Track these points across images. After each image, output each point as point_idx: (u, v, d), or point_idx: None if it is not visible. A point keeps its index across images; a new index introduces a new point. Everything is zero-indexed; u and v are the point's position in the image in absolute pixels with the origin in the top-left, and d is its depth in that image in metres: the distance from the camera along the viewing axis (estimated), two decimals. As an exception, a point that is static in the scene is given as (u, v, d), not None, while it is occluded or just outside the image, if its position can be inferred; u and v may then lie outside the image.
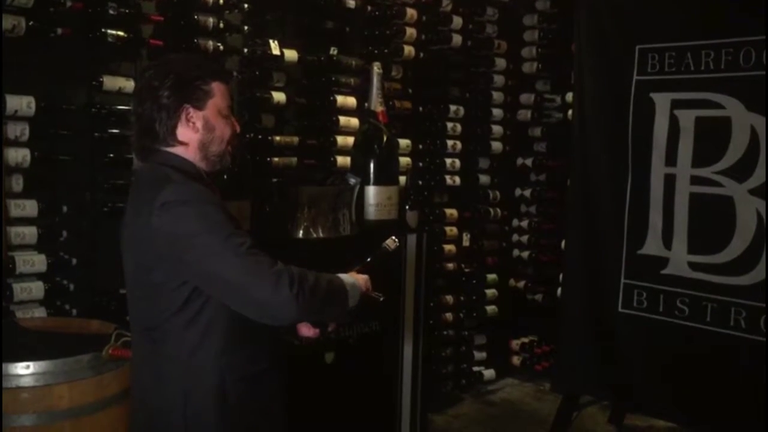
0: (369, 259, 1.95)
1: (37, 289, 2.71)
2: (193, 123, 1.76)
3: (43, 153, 2.74)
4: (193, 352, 1.69)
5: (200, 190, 1.68)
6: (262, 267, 1.59)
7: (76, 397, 2.05)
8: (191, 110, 1.75)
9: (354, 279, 1.81)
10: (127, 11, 2.91)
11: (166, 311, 1.69)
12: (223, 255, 1.57)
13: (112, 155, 2.97)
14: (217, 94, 1.79)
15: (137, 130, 1.77)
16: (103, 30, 2.86)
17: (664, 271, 3.40)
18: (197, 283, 1.66)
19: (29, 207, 2.69)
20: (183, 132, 1.76)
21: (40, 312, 2.72)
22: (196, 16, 3.12)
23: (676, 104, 3.36)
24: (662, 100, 3.40)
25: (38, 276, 2.74)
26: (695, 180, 3.30)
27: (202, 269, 1.60)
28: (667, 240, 3.39)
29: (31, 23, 2.65)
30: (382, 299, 1.89)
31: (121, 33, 2.90)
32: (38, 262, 2.71)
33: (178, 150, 1.77)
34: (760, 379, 3.09)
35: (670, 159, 3.37)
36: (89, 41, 2.87)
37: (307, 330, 1.87)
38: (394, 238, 1.98)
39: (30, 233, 2.70)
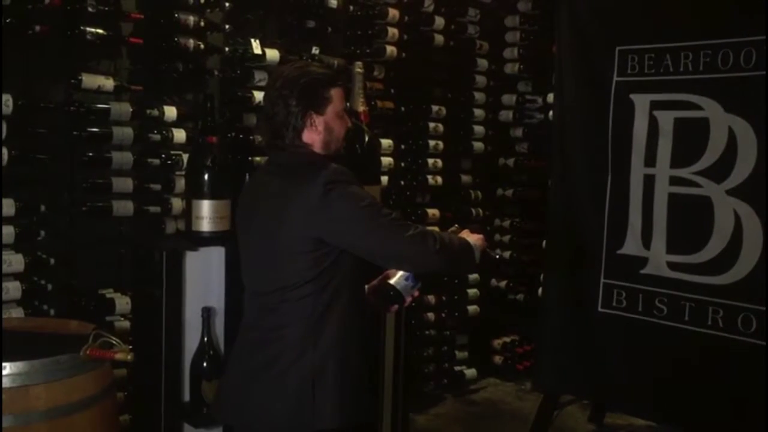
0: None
1: (14, 289, 2.68)
2: (316, 127, 2.03)
3: (20, 151, 2.71)
4: (323, 313, 1.96)
5: (350, 172, 1.98)
6: (410, 230, 1.94)
7: (54, 398, 2.03)
8: (314, 116, 2.02)
9: (473, 240, 2.11)
10: (106, 9, 2.88)
11: (304, 276, 1.94)
12: (381, 222, 1.93)
13: (90, 154, 2.95)
14: (336, 99, 2.06)
15: (268, 131, 2.06)
16: (82, 27, 2.83)
17: (643, 271, 3.43)
18: (355, 249, 1.95)
19: (6, 206, 2.66)
20: (308, 135, 2.03)
21: (17, 312, 2.69)
22: (176, 15, 3.11)
23: (655, 105, 3.39)
24: (641, 101, 3.42)
25: (15, 276, 2.71)
26: (674, 180, 3.33)
27: (363, 236, 1.93)
28: (646, 240, 3.42)
29: (8, 20, 2.62)
30: (498, 257, 2.27)
31: (100, 31, 2.87)
32: (15, 261, 2.68)
33: (305, 147, 2.04)
34: (737, 377, 3.13)
35: (650, 159, 3.40)
36: (68, 39, 2.84)
37: (390, 307, 2.22)
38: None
39: (7, 232, 2.66)
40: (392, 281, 2.11)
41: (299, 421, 1.97)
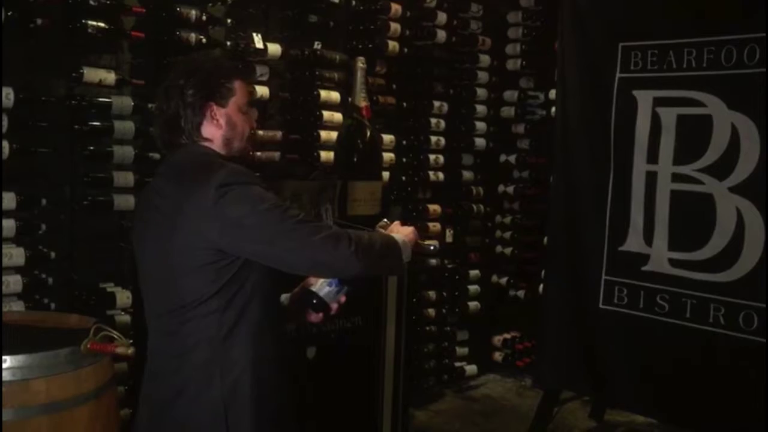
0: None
1: (15, 282, 2.68)
2: (217, 120, 1.83)
3: (21, 145, 2.70)
4: (230, 331, 1.74)
5: (250, 171, 1.76)
6: (322, 232, 1.70)
7: (54, 392, 2.03)
8: (215, 108, 1.83)
9: (403, 236, 1.91)
10: (108, 2, 2.88)
11: (203, 293, 1.72)
12: (287, 226, 1.68)
13: (92, 148, 2.94)
14: (239, 92, 1.86)
15: (162, 126, 1.84)
16: (83, 21, 2.83)
17: (644, 268, 3.42)
18: (260, 258, 1.72)
19: (7, 199, 2.65)
20: (207, 129, 1.83)
21: (18, 306, 2.69)
22: (178, 9, 3.10)
23: (658, 102, 3.38)
24: (644, 98, 3.42)
25: (16, 269, 2.71)
26: (676, 177, 3.33)
27: (267, 243, 1.69)
28: (648, 237, 3.41)
29: (9, 13, 2.61)
30: (433, 249, 2.05)
31: (101, 24, 2.87)
32: (16, 255, 2.68)
33: (204, 144, 1.84)
34: (738, 374, 3.13)
35: (652, 156, 3.40)
36: (69, 32, 2.84)
37: (314, 317, 1.98)
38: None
39: (8, 226, 2.66)
40: (314, 288, 1.89)
41: None
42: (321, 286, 1.90)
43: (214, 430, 1.75)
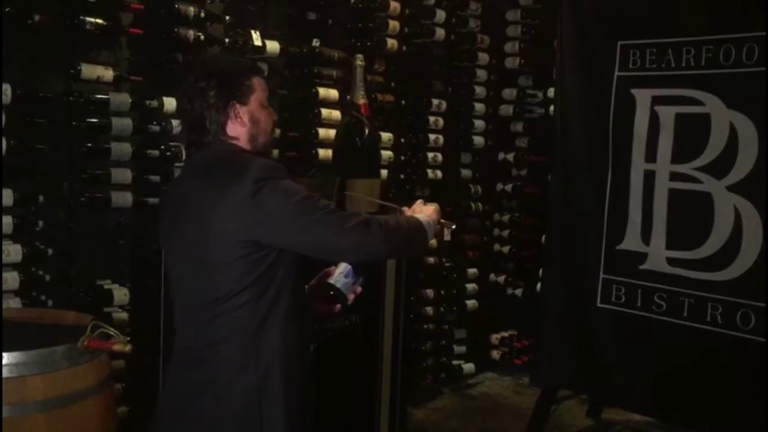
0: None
1: (12, 279, 2.68)
2: (241, 118, 1.88)
3: (19, 141, 2.70)
4: (262, 322, 1.81)
5: (280, 166, 1.84)
6: (352, 219, 1.80)
7: (51, 389, 2.03)
8: (238, 106, 1.87)
9: (427, 215, 1.99)
10: (106, -1, 2.88)
11: (237, 286, 1.78)
12: (319, 215, 1.76)
13: (89, 145, 2.94)
14: (258, 88, 1.92)
15: (187, 127, 1.90)
16: (81, 17, 2.82)
17: (642, 267, 3.42)
18: (294, 246, 1.79)
19: (5, 196, 2.65)
20: (232, 127, 1.88)
21: (15, 303, 2.69)
22: (176, 5, 3.09)
23: (656, 100, 3.38)
24: (643, 96, 3.41)
25: (13, 266, 2.71)
26: (674, 176, 3.33)
27: (301, 232, 1.77)
28: (646, 235, 3.41)
29: (8, 9, 2.61)
30: (454, 227, 2.15)
31: (99, 21, 2.86)
32: (14, 252, 2.68)
33: (230, 142, 1.88)
34: (735, 373, 3.13)
35: (650, 155, 3.40)
36: (67, 29, 2.83)
37: (321, 306, 2.04)
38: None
39: (5, 223, 2.66)
40: (331, 280, 1.98)
41: None
42: (338, 277, 1.97)
43: (247, 418, 1.81)
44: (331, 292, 1.98)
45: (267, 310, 1.81)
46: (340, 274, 1.97)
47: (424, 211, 2.01)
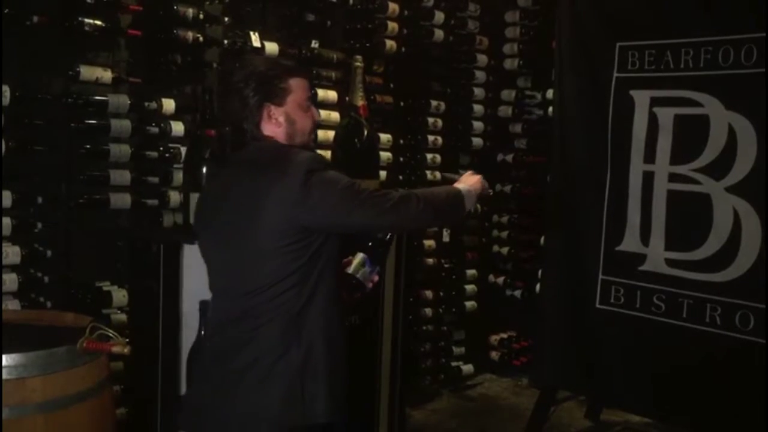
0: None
1: (11, 281, 2.68)
2: (276, 119, 1.97)
3: (17, 143, 2.70)
4: (305, 304, 1.91)
5: (324, 157, 1.99)
6: (391, 197, 1.95)
7: (50, 391, 2.02)
8: (272, 108, 1.97)
9: (469, 185, 2.18)
10: (105, 0, 2.86)
11: (284, 272, 1.89)
12: (362, 198, 1.91)
13: (88, 146, 2.93)
14: (296, 89, 1.99)
15: (227, 126, 2.02)
16: (80, 19, 2.82)
17: (641, 268, 3.42)
18: (343, 228, 1.95)
19: (3, 197, 2.64)
20: (267, 127, 1.98)
21: (13, 304, 2.68)
22: (175, 7, 3.09)
23: (655, 102, 3.38)
24: (641, 98, 3.42)
25: (12, 268, 2.70)
26: (673, 177, 3.33)
27: (348, 214, 1.90)
28: (645, 237, 3.41)
29: (6, 10, 2.60)
30: (491, 193, 2.36)
31: (98, 22, 2.86)
32: (12, 253, 2.68)
33: (270, 140, 1.98)
34: (734, 374, 3.13)
35: (649, 156, 3.40)
36: (66, 30, 2.83)
37: (343, 296, 2.13)
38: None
39: (4, 224, 2.65)
40: (350, 270, 2.14)
41: (291, 420, 1.91)
42: (357, 267, 2.14)
43: (291, 392, 1.89)
44: (353, 281, 2.13)
45: (310, 294, 1.91)
46: (358, 264, 2.13)
47: (467, 181, 2.20)
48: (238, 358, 1.93)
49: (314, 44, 3.71)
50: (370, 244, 2.23)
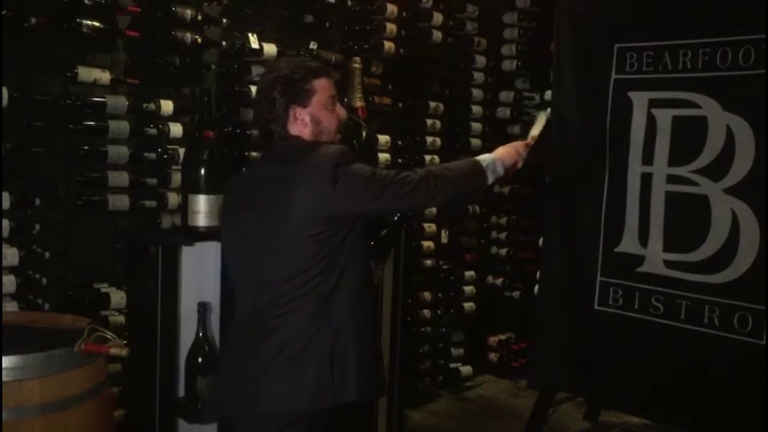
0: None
1: (8, 282, 2.67)
2: (302, 120, 2.07)
3: (16, 144, 2.69)
4: (333, 289, 2.00)
5: (350, 150, 2.06)
6: (411, 180, 2.03)
7: (48, 393, 2.02)
8: (298, 109, 2.06)
9: (499, 155, 2.34)
10: (103, 1, 2.87)
11: (313, 261, 1.98)
12: (385, 183, 2.00)
13: (86, 148, 2.93)
14: (320, 90, 2.08)
15: (257, 126, 2.24)
16: (78, 20, 2.81)
17: (639, 269, 3.42)
18: (370, 213, 2.05)
19: (2, 199, 2.64)
20: (293, 128, 2.08)
21: (11, 306, 2.68)
22: (173, 8, 3.09)
23: (653, 103, 3.38)
24: (640, 99, 3.42)
25: (10, 270, 2.70)
26: (671, 179, 3.33)
27: (374, 200, 1.99)
28: (643, 238, 3.41)
29: (4, 12, 2.60)
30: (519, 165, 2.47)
31: (96, 24, 2.86)
32: (10, 255, 2.67)
33: (297, 139, 2.08)
34: (733, 376, 3.13)
35: (647, 157, 3.40)
36: (64, 31, 2.82)
37: None
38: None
39: (2, 226, 2.64)
40: None
41: (322, 400, 1.99)
42: None
43: (322, 373, 1.97)
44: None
45: (337, 279, 2.00)
46: None
47: (499, 151, 2.36)
48: (267, 344, 2.00)
49: (313, 46, 3.71)
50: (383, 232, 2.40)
